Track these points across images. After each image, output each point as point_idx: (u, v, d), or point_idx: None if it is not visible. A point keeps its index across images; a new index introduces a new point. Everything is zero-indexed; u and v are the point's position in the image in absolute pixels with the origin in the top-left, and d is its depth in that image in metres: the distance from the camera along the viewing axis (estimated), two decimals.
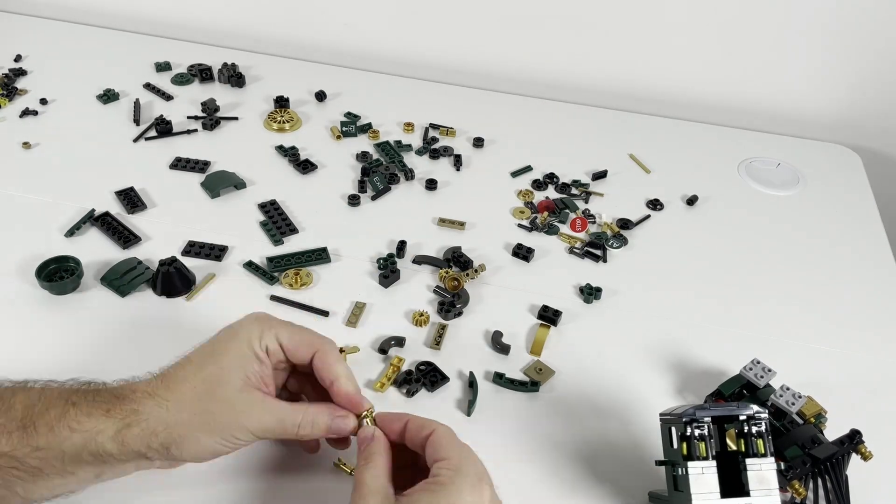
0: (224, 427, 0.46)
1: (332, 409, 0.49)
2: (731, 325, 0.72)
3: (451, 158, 0.92)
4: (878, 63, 0.96)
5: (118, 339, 0.65)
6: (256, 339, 0.48)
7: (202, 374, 0.47)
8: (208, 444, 0.46)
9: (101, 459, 0.45)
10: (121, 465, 0.46)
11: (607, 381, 0.65)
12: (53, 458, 0.44)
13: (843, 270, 0.80)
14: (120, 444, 0.45)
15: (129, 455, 0.45)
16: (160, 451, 0.46)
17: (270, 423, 0.47)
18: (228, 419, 0.46)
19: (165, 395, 0.46)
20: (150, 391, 0.47)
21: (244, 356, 0.48)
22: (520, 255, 0.77)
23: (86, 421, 0.45)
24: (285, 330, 0.50)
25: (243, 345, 0.48)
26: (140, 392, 0.46)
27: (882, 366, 0.69)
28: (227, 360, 0.48)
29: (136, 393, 0.46)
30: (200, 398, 0.46)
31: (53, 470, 0.44)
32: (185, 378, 0.47)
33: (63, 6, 1.15)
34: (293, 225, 0.79)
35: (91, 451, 0.44)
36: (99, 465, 0.45)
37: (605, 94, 1.06)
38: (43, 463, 0.44)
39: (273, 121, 0.95)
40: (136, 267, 0.70)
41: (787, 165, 0.96)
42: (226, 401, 0.46)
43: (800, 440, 0.54)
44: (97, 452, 0.44)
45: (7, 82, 0.98)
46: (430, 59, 1.09)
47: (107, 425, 0.45)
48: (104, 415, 0.45)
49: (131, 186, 0.82)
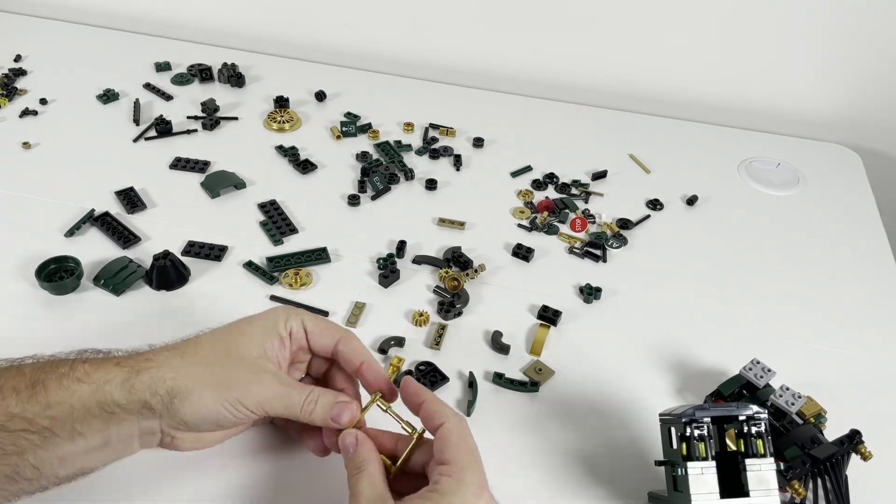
0: (232, 386, 0.46)
1: (337, 393, 0.49)
2: (731, 325, 0.72)
3: (451, 158, 0.92)
4: (878, 63, 0.96)
5: (119, 338, 0.64)
6: (282, 321, 0.50)
7: (223, 338, 0.49)
8: (211, 404, 0.46)
9: (109, 411, 0.45)
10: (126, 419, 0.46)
11: (607, 381, 0.65)
12: (64, 415, 0.44)
13: (843, 270, 0.80)
14: (128, 391, 0.45)
15: (135, 405, 0.45)
16: (164, 400, 0.45)
17: (278, 392, 0.47)
18: (238, 379, 0.47)
19: (183, 347, 0.48)
20: (169, 345, 0.49)
21: (267, 332, 0.49)
22: (520, 255, 0.77)
23: (94, 372, 0.45)
24: (311, 317, 0.52)
25: (268, 322, 0.50)
26: (159, 347, 0.49)
27: (882, 366, 0.69)
28: (250, 331, 0.50)
29: (153, 349, 0.49)
30: (217, 356, 0.47)
31: (63, 430, 0.44)
32: (205, 340, 0.49)
33: (63, 6, 1.16)
34: (293, 225, 0.79)
35: (99, 401, 0.45)
36: (106, 421, 0.45)
37: (605, 94, 1.06)
38: (53, 423, 0.44)
39: (273, 121, 0.95)
40: (128, 265, 0.70)
41: (787, 165, 0.96)
42: (239, 362, 0.47)
43: (800, 440, 0.54)
44: (105, 402, 0.45)
45: (7, 82, 0.98)
46: (430, 59, 1.09)
47: (116, 374, 0.46)
48: (114, 366, 0.46)
49: (131, 186, 0.82)
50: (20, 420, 0.44)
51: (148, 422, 0.46)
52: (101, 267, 0.70)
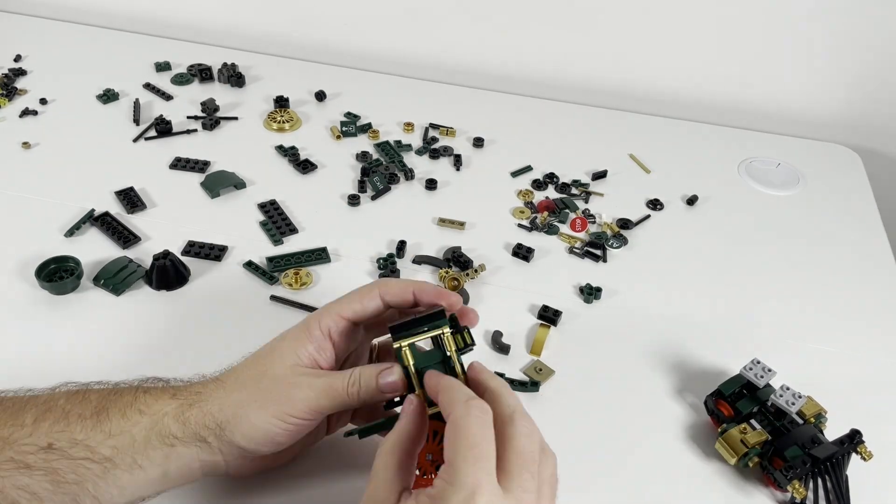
0: (275, 400, 0.46)
1: (377, 365, 0.47)
2: (731, 324, 0.72)
3: (451, 158, 0.92)
4: (879, 63, 0.96)
5: (119, 338, 0.65)
6: (315, 323, 0.48)
7: (258, 361, 0.49)
8: (260, 425, 0.45)
9: (167, 443, 0.45)
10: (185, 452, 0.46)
11: (607, 380, 0.65)
12: (125, 446, 0.45)
13: (843, 270, 0.80)
14: (182, 424, 0.46)
15: (190, 437, 0.46)
16: (217, 433, 0.46)
17: (318, 388, 0.46)
18: (277, 394, 0.46)
19: (226, 378, 0.48)
20: (216, 377, 0.49)
21: (298, 340, 0.48)
22: (520, 255, 0.77)
23: (154, 403, 0.46)
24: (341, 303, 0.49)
25: (298, 331, 0.49)
26: (208, 379, 0.49)
27: (882, 366, 0.69)
28: (280, 346, 0.49)
29: (203, 380, 0.49)
30: (254, 379, 0.47)
31: (124, 461, 0.44)
32: (243, 366, 0.49)
33: (63, 6, 1.16)
34: (293, 225, 0.79)
35: (158, 433, 0.45)
36: (166, 451, 0.45)
37: (605, 94, 1.06)
38: (114, 452, 0.44)
39: (273, 121, 0.95)
40: (128, 265, 0.70)
41: (787, 165, 0.96)
42: (275, 377, 0.47)
43: (800, 440, 0.54)
44: (163, 434, 0.45)
45: (7, 82, 0.98)
46: (430, 59, 1.09)
47: (171, 406, 0.46)
48: (170, 398, 0.47)
49: (131, 186, 0.82)
50: (83, 448, 0.44)
51: (208, 455, 0.47)
52: (101, 267, 0.70)
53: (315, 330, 0.48)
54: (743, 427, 0.55)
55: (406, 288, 0.49)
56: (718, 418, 0.59)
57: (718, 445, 0.57)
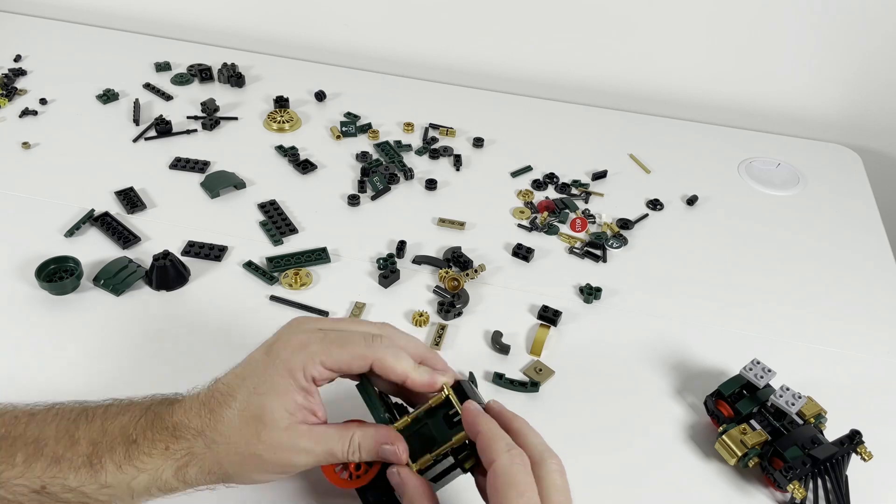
0: (273, 466, 0.46)
1: (378, 435, 0.47)
2: (731, 325, 0.72)
3: (451, 158, 0.91)
4: (878, 63, 0.96)
5: (119, 338, 0.65)
6: (300, 371, 0.46)
7: (247, 414, 0.45)
8: (264, 480, 0.47)
9: (169, 491, 0.46)
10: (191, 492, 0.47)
11: (607, 381, 0.65)
12: (122, 494, 0.45)
13: (843, 270, 0.80)
14: (182, 481, 0.46)
15: (194, 487, 0.46)
16: (221, 480, 0.46)
17: (317, 452, 0.46)
18: (276, 459, 0.45)
19: (214, 436, 0.45)
20: (199, 429, 0.46)
21: (286, 389, 0.46)
22: (520, 255, 0.77)
23: (149, 461, 0.45)
24: (330, 354, 0.46)
25: (285, 378, 0.46)
26: (192, 430, 0.46)
27: (882, 366, 0.69)
28: (270, 397, 0.45)
29: (188, 430, 0.46)
30: (248, 442, 0.45)
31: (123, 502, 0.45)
32: (231, 420, 0.46)
33: (63, 6, 1.15)
34: (293, 225, 0.79)
35: (159, 487, 0.45)
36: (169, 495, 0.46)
37: (605, 94, 1.06)
38: (112, 498, 0.45)
39: (273, 121, 0.95)
40: (128, 265, 0.70)
41: (787, 165, 0.96)
42: (271, 443, 0.45)
43: (800, 440, 0.54)
44: (164, 487, 0.46)
45: (7, 82, 0.98)
46: (430, 59, 1.09)
47: (168, 464, 0.45)
48: (164, 453, 0.45)
49: (131, 186, 0.82)
50: (79, 493, 0.44)
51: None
52: (101, 267, 0.70)
53: (301, 380, 0.46)
54: (743, 427, 0.55)
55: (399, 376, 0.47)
56: (718, 419, 0.59)
57: (718, 446, 0.57)
